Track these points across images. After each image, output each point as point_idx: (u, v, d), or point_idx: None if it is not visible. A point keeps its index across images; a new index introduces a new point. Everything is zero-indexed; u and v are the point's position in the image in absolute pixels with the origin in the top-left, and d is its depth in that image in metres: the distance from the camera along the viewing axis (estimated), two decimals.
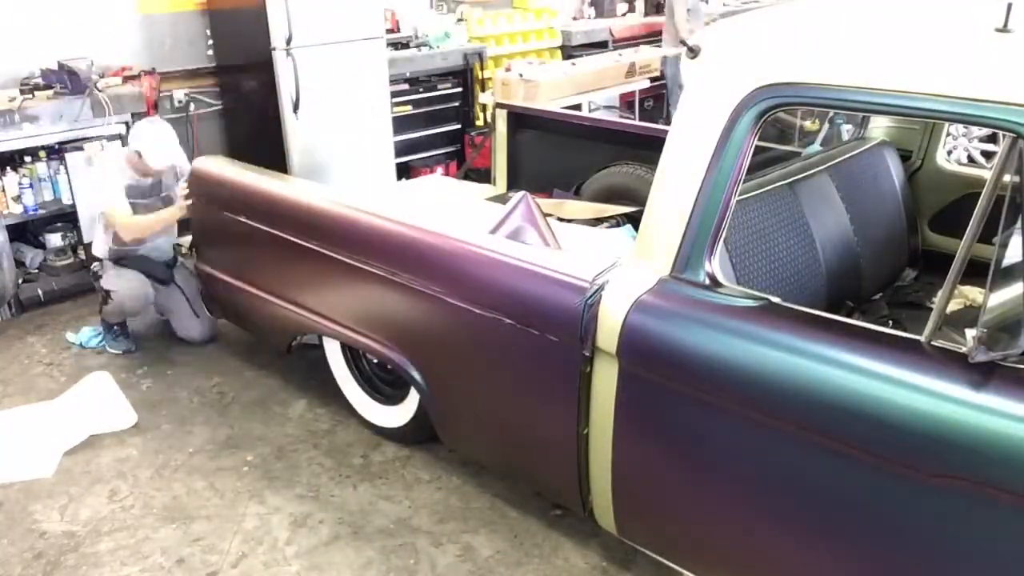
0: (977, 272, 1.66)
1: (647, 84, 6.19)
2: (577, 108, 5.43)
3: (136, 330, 3.90)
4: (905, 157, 3.13)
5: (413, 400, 2.87)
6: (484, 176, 4.77)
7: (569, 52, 6.78)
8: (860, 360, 1.64)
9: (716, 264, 1.91)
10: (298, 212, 2.91)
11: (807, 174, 2.68)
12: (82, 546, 2.59)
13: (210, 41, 5.11)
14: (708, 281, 1.90)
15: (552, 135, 3.94)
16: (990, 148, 5.25)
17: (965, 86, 1.58)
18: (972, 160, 5.31)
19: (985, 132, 5.13)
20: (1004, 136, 1.61)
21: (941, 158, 3.16)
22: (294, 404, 3.34)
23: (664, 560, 2.18)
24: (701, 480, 1.96)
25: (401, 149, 5.54)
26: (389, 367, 2.91)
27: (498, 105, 4.22)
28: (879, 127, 3.20)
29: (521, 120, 4.06)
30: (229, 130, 5.31)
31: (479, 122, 6.18)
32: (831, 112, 3.31)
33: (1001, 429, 1.45)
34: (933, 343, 1.61)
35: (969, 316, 2.53)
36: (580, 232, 3.10)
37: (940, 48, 1.73)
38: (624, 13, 7.40)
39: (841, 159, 2.87)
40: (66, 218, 4.34)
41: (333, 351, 3.15)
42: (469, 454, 2.82)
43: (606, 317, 2.00)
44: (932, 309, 1.66)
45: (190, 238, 3.61)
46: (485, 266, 2.33)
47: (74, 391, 3.43)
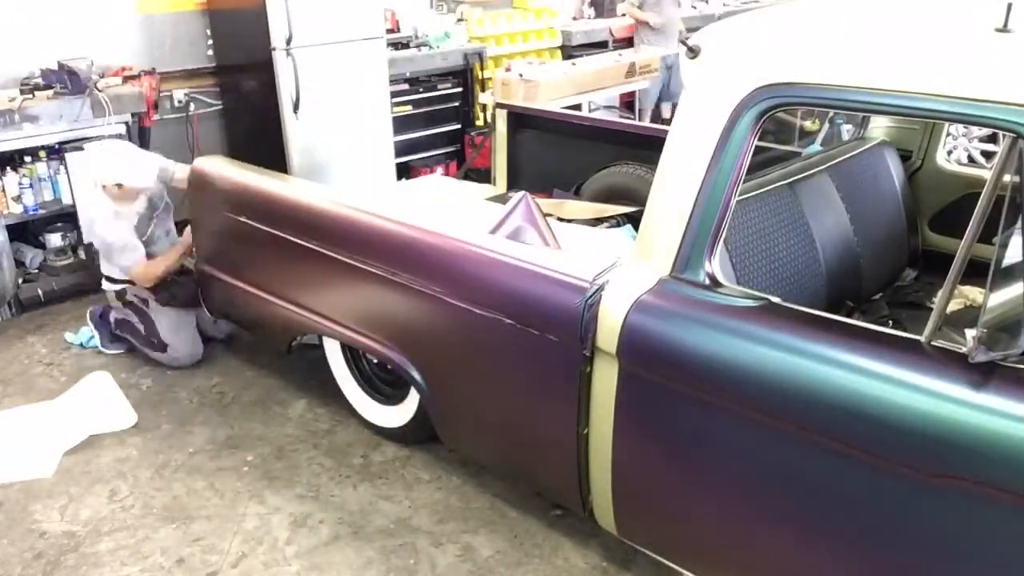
0: (977, 272, 1.66)
1: (647, 84, 6.18)
2: (577, 108, 5.43)
3: None
4: (905, 157, 3.13)
5: (413, 400, 2.87)
6: (484, 176, 4.77)
7: (569, 52, 6.78)
8: (860, 360, 1.64)
9: (716, 264, 1.91)
10: (298, 212, 2.91)
11: (807, 174, 2.68)
12: (82, 546, 2.59)
13: (210, 41, 5.11)
14: (708, 281, 1.90)
15: (552, 135, 3.93)
16: (990, 148, 5.25)
17: (965, 86, 1.58)
18: (972, 160, 5.30)
19: (985, 132, 5.13)
20: (1004, 136, 1.61)
21: (941, 158, 3.16)
22: (294, 404, 3.34)
23: (664, 560, 2.18)
24: (701, 480, 1.96)
25: (401, 149, 5.54)
26: (389, 367, 2.91)
27: (498, 105, 4.22)
28: (879, 127, 3.20)
29: (521, 120, 4.06)
30: (229, 130, 5.31)
31: (479, 122, 6.18)
32: (831, 112, 3.32)
33: (1001, 429, 1.45)
34: (933, 343, 1.61)
35: (969, 316, 2.53)
36: (580, 232, 3.10)
37: (940, 48, 1.73)
38: (624, 13, 7.39)
39: (841, 159, 2.87)
40: (66, 218, 4.33)
41: (333, 351, 3.15)
42: (469, 454, 2.82)
43: (606, 317, 2.00)
44: (932, 309, 1.66)
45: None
46: (485, 266, 2.33)
47: (74, 391, 3.43)
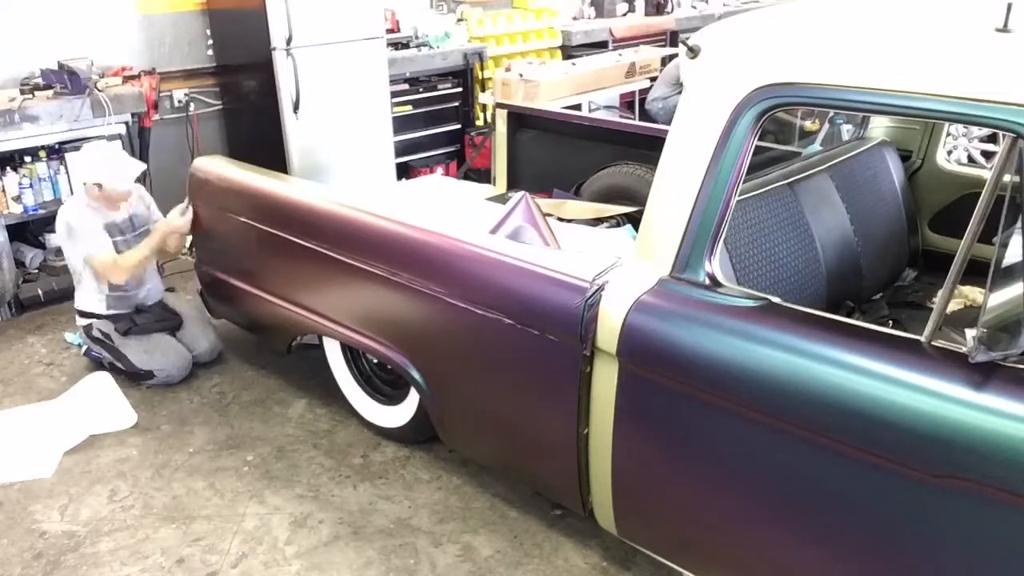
0: (977, 272, 1.67)
1: (647, 84, 6.18)
2: (577, 108, 5.43)
3: None
4: (905, 157, 3.13)
5: (413, 400, 2.87)
6: (484, 176, 4.77)
7: (569, 52, 6.77)
8: (860, 360, 1.64)
9: (716, 264, 1.91)
10: (298, 212, 2.91)
11: (807, 174, 2.68)
12: (82, 546, 2.59)
13: (210, 41, 5.11)
14: (708, 281, 1.90)
15: (552, 135, 3.93)
16: (990, 148, 5.25)
17: (965, 86, 1.58)
18: (972, 160, 5.30)
19: (985, 132, 5.13)
20: (1004, 136, 1.61)
21: (941, 158, 3.16)
22: (294, 404, 3.34)
23: (664, 560, 2.19)
24: (701, 480, 1.96)
25: (401, 149, 5.54)
26: (389, 367, 2.91)
27: (498, 105, 4.21)
28: (879, 127, 3.20)
29: (521, 120, 4.06)
30: (229, 130, 5.31)
31: (479, 122, 6.18)
32: (831, 112, 3.32)
33: (1001, 429, 1.45)
34: (933, 343, 1.61)
35: (969, 316, 2.53)
36: (580, 232, 3.10)
37: (940, 48, 1.73)
38: (624, 13, 7.39)
39: (841, 159, 2.87)
40: None
41: (333, 351, 3.15)
42: (469, 454, 2.82)
43: (606, 317, 2.00)
44: (932, 309, 1.66)
45: (190, 238, 3.61)
46: (485, 266, 2.33)
47: (74, 391, 3.43)
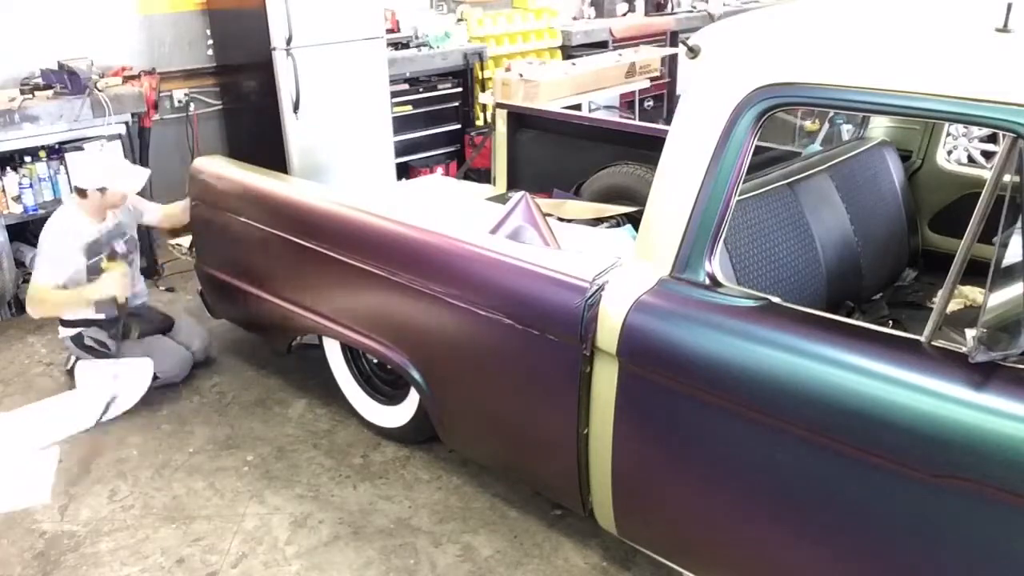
0: (977, 272, 1.67)
1: (647, 84, 6.18)
2: (577, 108, 5.43)
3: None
4: (905, 157, 3.13)
5: (413, 400, 2.87)
6: (484, 176, 4.77)
7: (569, 52, 6.77)
8: (860, 360, 1.64)
9: (716, 264, 1.91)
10: (298, 212, 2.91)
11: (807, 174, 2.68)
12: (82, 546, 2.59)
13: (210, 41, 5.11)
14: (708, 281, 1.90)
15: (552, 135, 3.93)
16: (990, 148, 5.25)
17: (965, 86, 1.58)
18: (972, 160, 5.30)
19: (985, 132, 5.13)
20: (1004, 136, 1.61)
21: (941, 158, 3.16)
22: (294, 404, 3.34)
23: (664, 560, 2.19)
24: (701, 480, 1.96)
25: (401, 149, 5.54)
26: (389, 367, 2.91)
27: (498, 105, 4.22)
28: (879, 127, 3.20)
29: (521, 120, 4.06)
30: (229, 130, 5.31)
31: (479, 122, 6.18)
32: (831, 112, 3.32)
33: (1001, 429, 1.45)
34: (933, 343, 1.61)
35: (969, 316, 2.53)
36: (580, 232, 3.10)
37: (940, 48, 1.73)
38: (624, 13, 7.39)
39: (841, 159, 2.87)
40: None
41: (333, 351, 3.15)
42: (469, 454, 2.82)
43: (606, 317, 2.00)
44: (932, 309, 1.66)
45: (190, 238, 3.61)
46: (485, 266, 2.33)
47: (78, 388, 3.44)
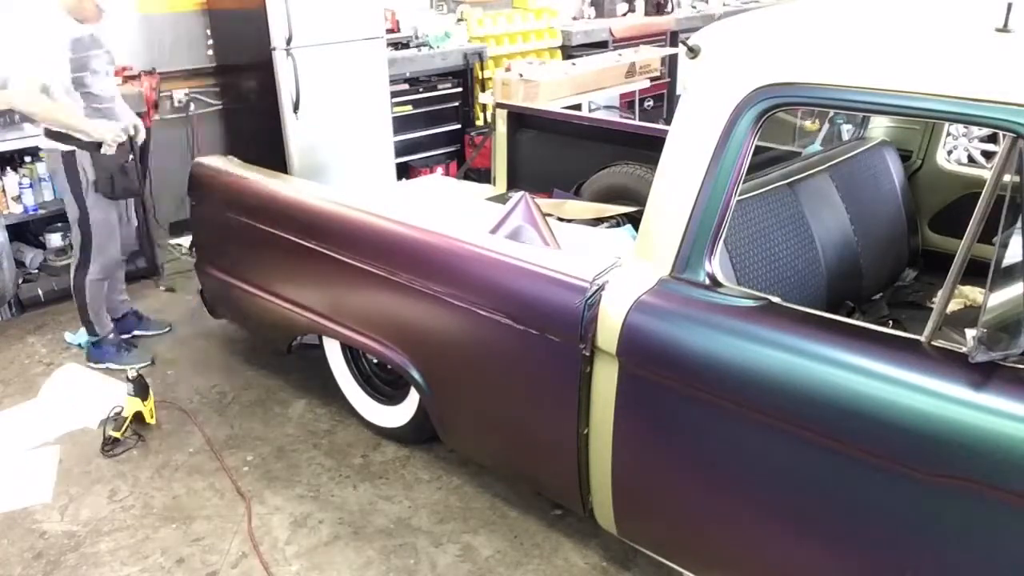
0: (977, 272, 1.67)
1: (647, 84, 6.18)
2: (577, 108, 5.43)
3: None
4: (905, 157, 3.13)
5: (413, 400, 2.87)
6: (484, 176, 4.77)
7: (569, 52, 6.77)
8: (860, 360, 1.64)
9: (716, 264, 1.91)
10: (298, 212, 2.91)
11: (807, 174, 2.68)
12: (82, 546, 2.59)
13: (210, 41, 5.11)
14: (708, 281, 1.90)
15: (552, 135, 3.93)
16: (990, 148, 5.25)
17: (965, 86, 1.58)
18: (972, 160, 5.30)
19: (985, 132, 5.13)
20: (1004, 136, 1.61)
21: (941, 158, 3.16)
22: (294, 404, 3.34)
23: (664, 560, 2.19)
24: (701, 480, 1.96)
25: (401, 149, 5.54)
26: (389, 367, 2.91)
27: (498, 105, 4.22)
28: (879, 127, 3.20)
29: (521, 120, 4.06)
30: (229, 130, 5.31)
31: (479, 122, 6.18)
32: (831, 112, 3.31)
33: (1001, 429, 1.45)
34: (933, 343, 1.61)
35: (969, 316, 2.53)
36: (580, 232, 3.10)
37: (940, 48, 1.73)
38: (624, 13, 7.39)
39: (841, 159, 2.87)
40: (66, 218, 4.30)
41: (333, 351, 3.14)
42: (469, 454, 2.82)
43: (606, 317, 2.00)
44: (932, 309, 1.66)
45: (190, 238, 3.61)
46: (485, 266, 2.33)
47: (52, 384, 3.48)
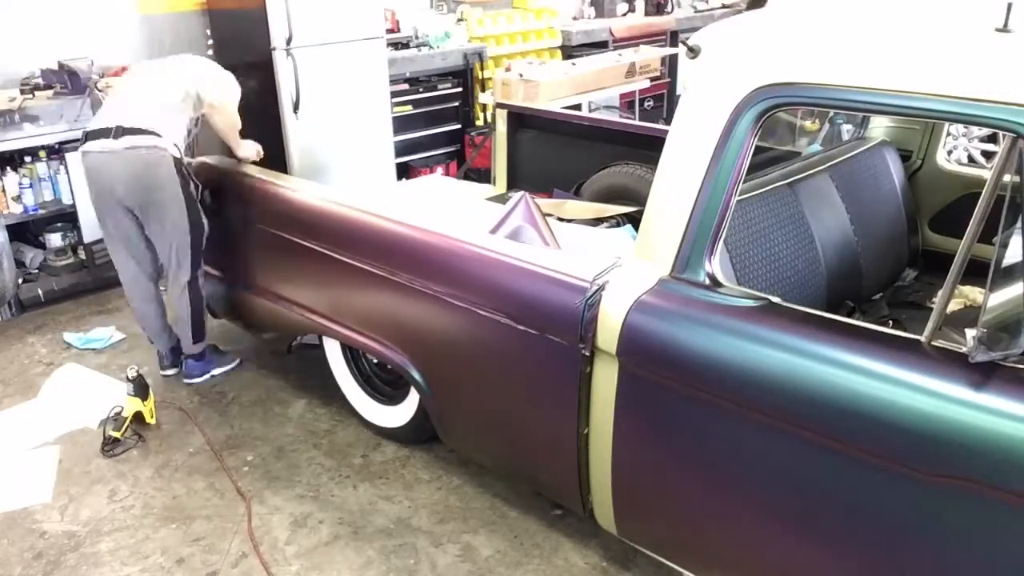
0: (977, 272, 1.66)
1: (647, 84, 6.18)
2: (577, 108, 5.43)
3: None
4: (905, 157, 3.13)
5: (413, 400, 2.87)
6: (484, 176, 4.77)
7: (569, 52, 6.78)
8: (860, 360, 1.64)
9: (716, 264, 1.90)
10: (298, 212, 2.91)
11: (807, 174, 2.68)
12: (82, 546, 2.59)
13: (210, 41, 5.11)
14: (708, 281, 1.90)
15: (552, 135, 3.93)
16: (990, 148, 5.25)
17: (965, 86, 1.58)
18: (972, 160, 5.30)
19: (985, 132, 5.13)
20: (1004, 136, 1.61)
21: (941, 158, 3.16)
22: (294, 404, 3.34)
23: (664, 560, 2.19)
24: (701, 480, 1.96)
25: (401, 149, 5.53)
26: (389, 367, 2.91)
27: (498, 105, 4.21)
28: (879, 127, 3.20)
29: (521, 120, 4.06)
30: None
31: (479, 122, 6.18)
32: (831, 112, 3.31)
33: (1001, 429, 1.45)
34: (933, 343, 1.61)
35: (969, 316, 2.53)
36: (580, 232, 3.10)
37: (940, 48, 1.73)
38: (624, 13, 7.40)
39: (841, 159, 2.87)
40: (66, 218, 4.33)
41: (333, 351, 3.14)
42: (469, 454, 2.82)
43: (606, 317, 2.00)
44: (932, 309, 1.66)
45: None
46: (485, 266, 2.33)
47: (52, 384, 3.49)
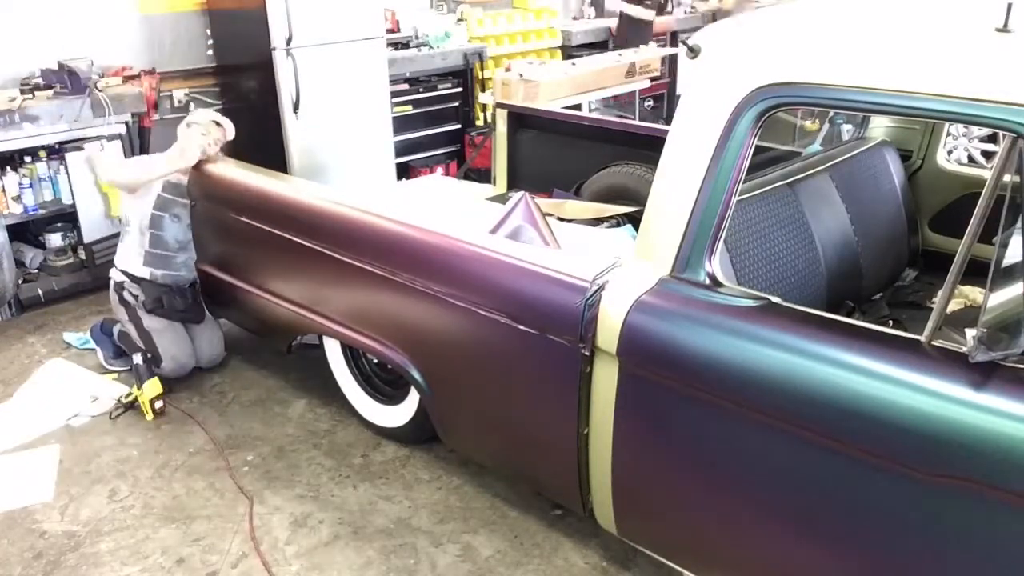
0: (977, 272, 1.67)
1: (647, 84, 6.19)
2: (577, 108, 5.43)
3: None
4: (905, 157, 3.13)
5: (413, 400, 2.87)
6: (484, 176, 4.77)
7: (569, 52, 6.78)
8: (860, 360, 1.64)
9: (716, 264, 1.91)
10: (298, 212, 2.91)
11: (807, 174, 2.68)
12: (82, 546, 2.59)
13: (210, 41, 5.11)
14: (708, 281, 1.90)
15: (552, 135, 3.93)
16: (990, 148, 5.25)
17: (965, 86, 1.58)
18: (972, 160, 5.31)
19: (985, 132, 5.14)
20: (1004, 136, 1.61)
21: (941, 158, 3.16)
22: (294, 404, 3.34)
23: (664, 560, 2.19)
24: (701, 480, 1.96)
25: (401, 149, 5.54)
26: (389, 367, 2.91)
27: (498, 105, 4.22)
28: (879, 127, 3.20)
29: (521, 120, 4.06)
30: None
31: (479, 122, 6.18)
32: (831, 112, 3.32)
33: (1001, 429, 1.45)
34: (933, 343, 1.61)
35: (969, 316, 2.53)
36: (580, 232, 3.10)
37: (940, 48, 1.73)
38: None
39: (841, 159, 2.87)
40: (66, 218, 4.33)
41: (333, 351, 3.14)
42: (469, 454, 2.82)
43: (606, 317, 2.00)
44: (932, 309, 1.66)
45: None
46: (485, 266, 2.33)
47: (34, 380, 3.50)
